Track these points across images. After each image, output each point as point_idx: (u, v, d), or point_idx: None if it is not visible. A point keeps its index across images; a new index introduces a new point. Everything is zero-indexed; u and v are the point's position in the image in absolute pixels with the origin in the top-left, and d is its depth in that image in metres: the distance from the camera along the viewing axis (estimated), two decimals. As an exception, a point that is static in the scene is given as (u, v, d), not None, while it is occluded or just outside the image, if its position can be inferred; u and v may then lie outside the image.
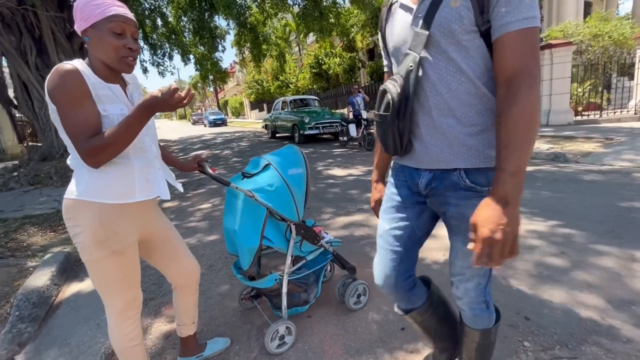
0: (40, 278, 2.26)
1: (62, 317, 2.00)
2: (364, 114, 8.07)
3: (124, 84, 1.18)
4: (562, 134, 6.50)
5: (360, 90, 8.75)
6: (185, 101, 1.01)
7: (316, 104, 12.26)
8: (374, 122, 1.05)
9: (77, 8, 1.04)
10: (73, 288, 2.37)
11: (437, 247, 2.53)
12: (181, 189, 1.39)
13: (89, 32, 1.04)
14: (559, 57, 7.80)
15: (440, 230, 2.81)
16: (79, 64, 1.04)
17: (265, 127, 13.72)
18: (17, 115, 9.44)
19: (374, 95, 15.00)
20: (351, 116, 8.44)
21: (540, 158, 5.38)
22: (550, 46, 7.82)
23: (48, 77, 1.00)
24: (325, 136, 11.16)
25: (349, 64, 17.60)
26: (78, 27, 1.06)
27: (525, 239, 2.55)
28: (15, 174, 6.34)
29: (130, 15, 1.08)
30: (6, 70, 7.62)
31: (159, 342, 1.74)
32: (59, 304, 2.17)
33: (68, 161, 1.14)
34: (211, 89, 45.20)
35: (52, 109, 1.04)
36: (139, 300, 1.27)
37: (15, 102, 7.67)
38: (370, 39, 16.79)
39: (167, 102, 0.99)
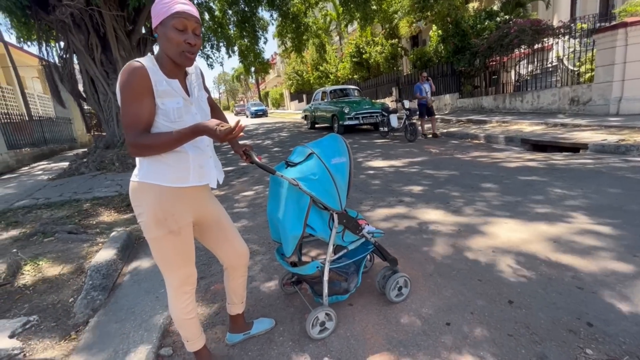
0: (108, 253, 2.53)
1: (127, 289, 2.22)
2: (406, 104, 7.78)
3: (184, 76, 1.26)
4: (635, 124, 5.75)
5: (429, 77, 8.29)
6: (234, 135, 1.10)
7: (356, 94, 12.07)
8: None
9: (152, 7, 1.15)
10: (134, 264, 2.62)
11: (484, 242, 2.41)
12: (220, 181, 1.41)
13: (159, 29, 1.14)
14: (635, 37, 6.84)
15: (489, 227, 2.65)
16: (147, 61, 1.14)
17: (305, 117, 13.83)
18: (86, 107, 10.49)
19: (415, 84, 14.40)
20: (414, 104, 7.98)
21: (608, 152, 4.82)
22: (624, 25, 6.88)
23: (120, 71, 1.11)
24: (366, 127, 10.99)
25: (390, 52, 17.02)
26: (153, 25, 1.17)
27: (590, 239, 2.32)
28: (85, 160, 7.10)
29: (194, 11, 1.15)
30: (76, 66, 8.48)
31: (209, 318, 1.87)
32: (123, 277, 2.42)
33: None
34: (253, 81, 46.50)
35: (119, 100, 1.15)
36: (194, 277, 1.37)
37: (84, 96, 8.52)
38: (415, 24, 16.03)
39: (219, 137, 1.09)
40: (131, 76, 1.09)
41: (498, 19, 11.03)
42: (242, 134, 1.14)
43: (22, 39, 8.20)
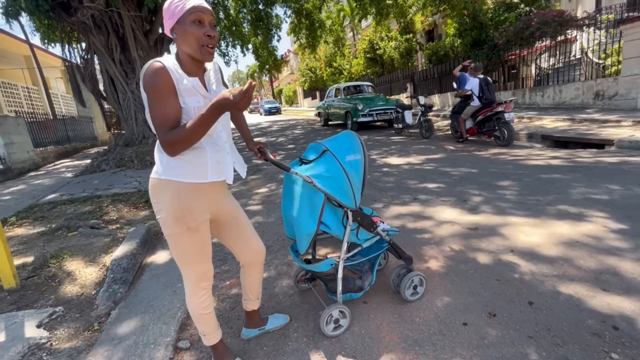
0: (128, 248, 2.61)
1: (146, 283, 2.29)
2: (422, 100, 7.64)
3: (202, 73, 1.27)
4: (667, 120, 5.47)
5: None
6: (248, 95, 1.06)
7: (370, 90, 11.95)
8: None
9: (165, 10, 1.16)
10: (152, 258, 2.69)
11: (501, 243, 2.35)
12: (243, 175, 1.45)
13: (176, 28, 1.16)
14: (668, 27, 6.48)
15: (507, 226, 2.57)
16: (167, 60, 1.15)
17: (318, 114, 13.81)
18: (106, 106, 10.82)
19: (431, 79, 14.13)
20: (429, 100, 7.72)
21: (635, 148, 4.59)
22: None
23: (143, 73, 1.13)
24: (380, 124, 10.87)
25: (405, 47, 16.74)
26: (167, 27, 1.18)
27: (616, 240, 2.22)
28: (105, 157, 7.33)
29: (206, 4, 1.16)
30: (97, 67, 8.74)
31: (225, 313, 1.90)
32: (142, 271, 2.49)
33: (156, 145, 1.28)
34: (266, 79, 46.79)
35: (144, 98, 1.17)
36: (210, 274, 1.39)
37: (104, 95, 8.79)
38: (431, 18, 15.70)
39: (238, 104, 1.05)
40: (154, 77, 1.10)
41: (519, 9, 10.65)
42: (253, 83, 1.11)
43: (46, 40, 8.51)
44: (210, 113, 1.08)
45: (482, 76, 5.96)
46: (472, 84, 6.02)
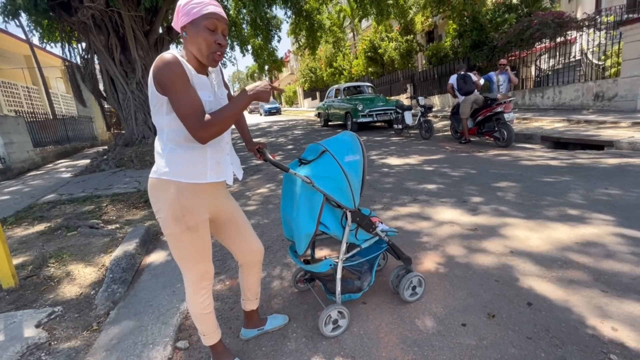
0: (127, 247, 2.61)
1: (145, 282, 2.29)
2: (421, 101, 7.64)
3: (207, 74, 1.28)
4: (666, 121, 5.47)
5: (509, 67, 7.25)
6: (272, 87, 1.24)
7: (370, 91, 11.96)
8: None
9: (180, 6, 1.15)
10: (152, 258, 2.69)
11: (499, 245, 2.35)
12: (240, 177, 1.45)
13: (188, 27, 1.15)
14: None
15: (507, 227, 2.58)
16: (177, 53, 1.15)
17: (318, 115, 13.82)
18: (106, 106, 10.82)
19: (431, 80, 14.14)
20: (429, 101, 8.04)
21: (635, 149, 4.60)
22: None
23: (154, 65, 1.12)
24: (380, 124, 10.87)
25: (405, 47, 16.75)
26: (178, 24, 1.17)
27: (615, 241, 2.23)
28: (105, 157, 7.33)
29: (223, 13, 1.17)
30: (97, 66, 8.74)
31: (224, 313, 1.90)
32: (141, 271, 2.49)
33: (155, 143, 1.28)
34: (266, 79, 46.73)
35: (152, 94, 1.16)
36: (211, 273, 1.39)
37: (104, 95, 8.78)
38: (431, 19, 15.73)
39: (269, 93, 1.20)
40: (171, 67, 1.09)
41: (519, 11, 10.68)
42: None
43: (45, 40, 8.51)
44: (248, 99, 1.19)
45: (462, 72, 6.38)
46: (452, 79, 6.46)
